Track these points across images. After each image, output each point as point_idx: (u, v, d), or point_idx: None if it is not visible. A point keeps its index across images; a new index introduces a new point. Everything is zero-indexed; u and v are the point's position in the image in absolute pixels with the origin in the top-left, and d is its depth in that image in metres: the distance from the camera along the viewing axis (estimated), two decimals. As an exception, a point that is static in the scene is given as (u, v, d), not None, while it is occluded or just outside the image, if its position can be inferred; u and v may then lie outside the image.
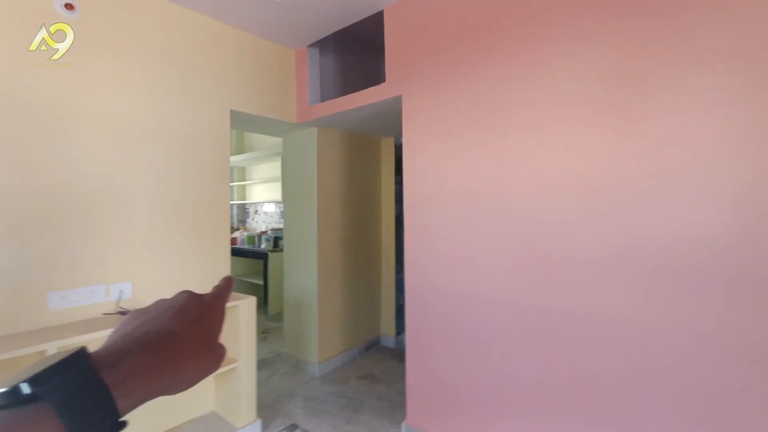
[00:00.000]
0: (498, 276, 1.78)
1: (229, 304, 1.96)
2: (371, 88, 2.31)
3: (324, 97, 2.80)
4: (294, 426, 2.28)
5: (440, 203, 2.00)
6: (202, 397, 2.26)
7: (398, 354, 3.39)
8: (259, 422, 2.20)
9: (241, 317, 2.13)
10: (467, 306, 1.90)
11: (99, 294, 1.84)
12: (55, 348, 1.48)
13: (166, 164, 2.06)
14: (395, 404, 2.52)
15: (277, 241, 4.28)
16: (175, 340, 0.32)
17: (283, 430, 2.24)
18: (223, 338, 0.37)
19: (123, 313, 1.82)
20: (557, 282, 1.61)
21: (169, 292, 0.39)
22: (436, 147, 2.01)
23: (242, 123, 2.77)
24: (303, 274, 3.06)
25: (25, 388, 0.24)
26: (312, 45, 2.73)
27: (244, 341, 2.15)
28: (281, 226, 4.69)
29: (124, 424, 0.28)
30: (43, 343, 1.46)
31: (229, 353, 2.16)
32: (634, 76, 1.43)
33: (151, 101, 2.00)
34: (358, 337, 3.40)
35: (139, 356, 0.29)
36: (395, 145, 3.54)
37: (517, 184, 1.73)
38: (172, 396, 0.31)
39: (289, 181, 3.21)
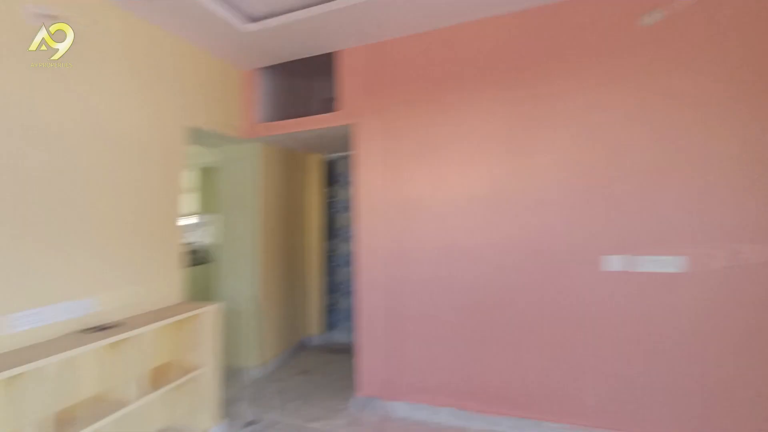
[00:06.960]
0: (425, 262, 2.38)
1: (191, 313, 2.08)
2: (324, 115, 2.68)
3: (267, 117, 3.01)
4: (253, 422, 2.44)
5: (386, 211, 2.49)
6: (147, 416, 2.22)
7: (327, 350, 3.73)
8: (226, 422, 2.31)
9: (205, 325, 2.22)
10: (405, 288, 2.44)
11: (67, 311, 1.75)
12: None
13: (125, 174, 2.04)
14: (336, 389, 2.88)
15: (193, 253, 4.09)
16: None
17: (246, 426, 2.39)
18: (187, 346, 0.41)
19: (101, 329, 1.76)
20: (468, 261, 2.29)
21: (133, 303, 0.39)
22: (382, 167, 2.51)
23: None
24: (242, 283, 3.16)
25: None
26: (260, 68, 2.91)
27: (209, 348, 2.24)
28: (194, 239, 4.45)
29: None
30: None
31: (194, 360, 2.22)
32: (518, 129, 2.21)
33: (115, 107, 1.98)
34: (291, 338, 3.62)
35: None
36: (325, 162, 3.89)
37: (445, 197, 2.36)
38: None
39: (227, 194, 3.24)
